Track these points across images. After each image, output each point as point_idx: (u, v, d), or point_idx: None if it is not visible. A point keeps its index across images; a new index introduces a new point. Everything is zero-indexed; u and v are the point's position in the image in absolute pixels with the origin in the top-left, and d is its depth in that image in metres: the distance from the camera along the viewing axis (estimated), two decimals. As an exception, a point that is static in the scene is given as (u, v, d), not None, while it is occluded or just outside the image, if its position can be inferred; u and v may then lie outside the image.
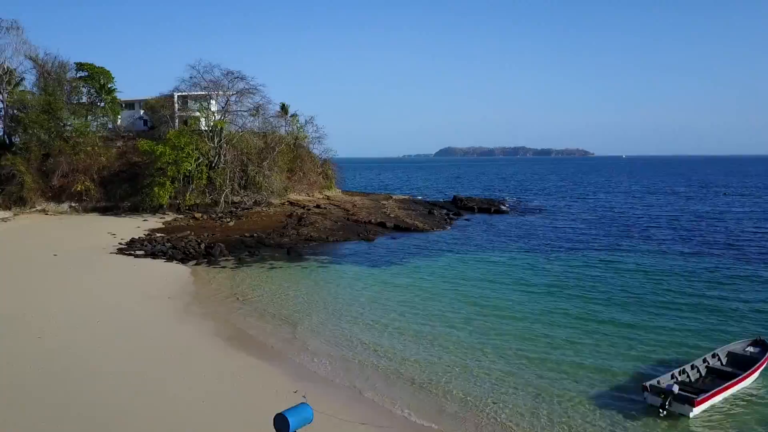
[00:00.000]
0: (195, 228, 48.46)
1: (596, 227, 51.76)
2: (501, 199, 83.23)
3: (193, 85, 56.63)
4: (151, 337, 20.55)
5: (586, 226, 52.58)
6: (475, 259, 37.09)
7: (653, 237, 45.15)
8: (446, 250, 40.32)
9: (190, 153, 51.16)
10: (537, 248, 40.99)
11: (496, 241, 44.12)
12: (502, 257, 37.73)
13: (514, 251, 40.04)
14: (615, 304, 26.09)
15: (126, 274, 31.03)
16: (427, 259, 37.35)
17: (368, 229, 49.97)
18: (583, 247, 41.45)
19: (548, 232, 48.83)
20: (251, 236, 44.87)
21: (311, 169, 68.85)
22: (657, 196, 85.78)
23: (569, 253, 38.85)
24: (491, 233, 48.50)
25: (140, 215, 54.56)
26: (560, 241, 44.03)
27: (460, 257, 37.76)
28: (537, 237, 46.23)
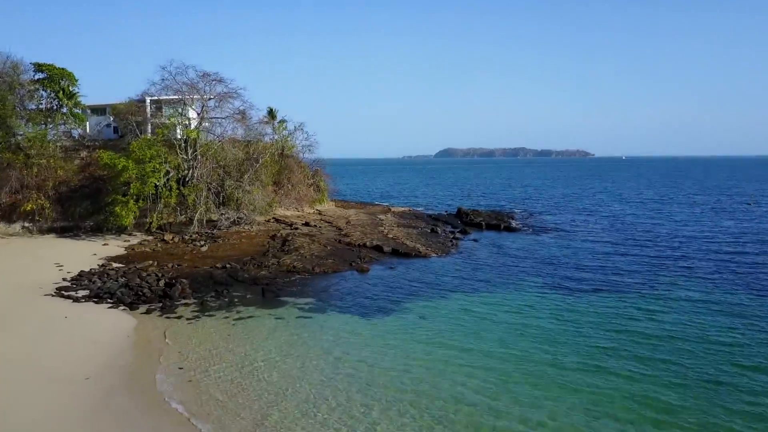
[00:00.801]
0: (161, 255, 41.85)
1: (622, 252, 45.12)
2: (509, 211, 76.67)
3: (164, 89, 49.98)
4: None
5: (609, 250, 45.92)
6: (487, 303, 30.49)
7: (696, 269, 38.45)
8: (452, 289, 33.69)
9: (158, 167, 44.49)
10: (559, 286, 34.38)
11: (510, 274, 37.50)
12: (518, 300, 31.16)
13: (533, 290, 33.50)
14: (678, 384, 19.56)
15: (46, 334, 24.38)
16: (428, 302, 30.73)
17: (362, 254, 43.39)
18: (613, 283, 34.83)
19: (568, 260, 42.21)
20: (223, 267, 38.26)
21: (301, 180, 62.28)
22: (678, 207, 79.12)
23: (600, 295, 32.24)
24: (502, 261, 41.86)
25: (103, 236, 47.99)
26: (584, 273, 37.45)
27: (468, 300, 31.13)
28: (556, 267, 39.63)
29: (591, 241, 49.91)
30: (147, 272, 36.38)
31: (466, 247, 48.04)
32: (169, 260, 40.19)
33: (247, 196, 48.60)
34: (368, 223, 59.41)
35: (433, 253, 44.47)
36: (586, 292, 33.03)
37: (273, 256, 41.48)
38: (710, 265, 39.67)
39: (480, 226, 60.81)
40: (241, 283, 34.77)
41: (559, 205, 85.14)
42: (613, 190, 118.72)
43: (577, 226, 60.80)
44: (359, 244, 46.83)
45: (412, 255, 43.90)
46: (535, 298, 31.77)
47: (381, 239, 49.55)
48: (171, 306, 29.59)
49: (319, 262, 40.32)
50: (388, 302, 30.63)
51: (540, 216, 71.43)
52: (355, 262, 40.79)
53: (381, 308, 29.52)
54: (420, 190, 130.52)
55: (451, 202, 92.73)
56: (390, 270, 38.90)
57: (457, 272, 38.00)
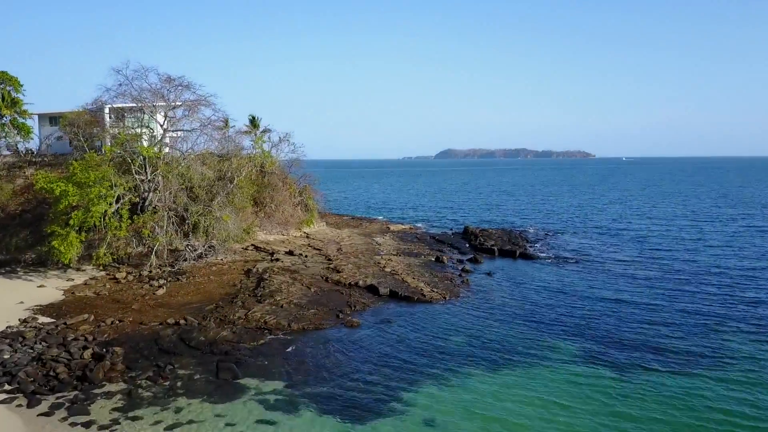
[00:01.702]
0: (104, 303, 33.88)
1: (669, 294, 37.18)
2: (520, 229, 68.72)
3: (120, 96, 42.02)
4: None
5: (652, 292, 37.95)
6: (513, 393, 22.59)
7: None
8: (465, 362, 25.79)
9: (105, 192, 36.51)
10: (602, 357, 26.46)
11: (537, 336, 29.52)
12: (553, 384, 23.32)
13: (567, 360, 25.83)
14: None
15: None
16: (436, 390, 22.81)
17: (353, 299, 35.46)
18: (671, 352, 26.93)
19: (604, 308, 34.31)
20: (176, 324, 30.29)
21: (286, 199, 54.26)
22: (709, 224, 71.08)
23: (660, 375, 24.32)
24: (525, 312, 33.85)
25: (45, 272, 40.13)
26: (631, 334, 29.54)
27: (488, 386, 23.19)
28: (591, 321, 31.74)
29: (626, 278, 41.88)
30: (76, 334, 28.45)
31: (478, 286, 40.08)
32: (110, 311, 32.22)
33: (217, 224, 40.59)
34: (363, 250, 51.50)
35: (439, 297, 36.52)
36: (638, 362, 25.20)
37: (242, 304, 33.51)
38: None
39: (492, 252, 52.83)
40: (193, 351, 26.82)
41: (574, 222, 77.06)
42: (626, 201, 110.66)
43: (602, 252, 52.78)
44: (350, 284, 38.89)
45: (414, 299, 35.94)
46: (573, 371, 24.01)
47: (377, 274, 41.63)
48: (86, 399, 21.60)
49: (297, 313, 32.35)
50: (382, 391, 22.64)
51: (556, 237, 63.41)
52: (343, 312, 32.86)
53: (373, 404, 21.52)
54: (420, 200, 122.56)
55: (455, 217, 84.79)
56: (386, 326, 30.90)
57: (470, 332, 30.01)
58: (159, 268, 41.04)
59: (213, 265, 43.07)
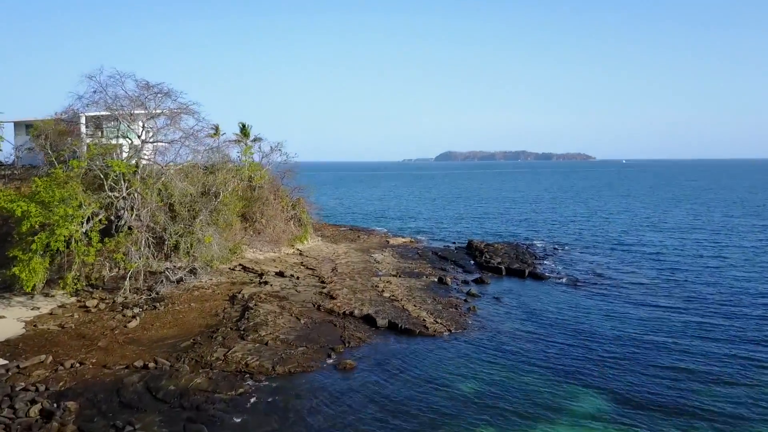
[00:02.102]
0: (67, 340, 30.19)
1: (701, 329, 33.48)
2: (527, 243, 65.06)
3: (93, 104, 38.38)
4: None
5: (682, 327, 34.21)
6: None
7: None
8: (478, 414, 22.11)
9: (72, 212, 32.81)
10: (630, 412, 22.85)
11: (554, 383, 25.85)
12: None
13: (590, 416, 22.19)
14: None
15: None
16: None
17: (347, 332, 31.81)
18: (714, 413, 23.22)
19: (629, 349, 30.63)
20: (144, 367, 26.58)
21: (277, 214, 50.59)
22: (728, 237, 67.24)
23: None
24: (539, 350, 30.15)
25: (9, 299, 36.51)
26: (663, 386, 25.85)
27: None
28: (615, 365, 28.06)
29: (649, 307, 38.09)
30: (27, 382, 24.78)
31: (486, 314, 36.37)
32: (73, 350, 28.53)
33: (199, 245, 36.90)
34: (360, 269, 47.84)
35: (443, 329, 32.81)
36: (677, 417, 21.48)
37: (222, 341, 29.82)
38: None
39: (499, 271, 49.16)
40: (160, 404, 23.14)
41: (582, 234, 73.29)
42: (634, 210, 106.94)
43: (617, 272, 49.06)
44: (345, 313, 35.22)
45: (415, 333, 32.24)
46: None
47: (375, 301, 37.96)
48: (21, 478, 17.95)
49: (284, 352, 28.64)
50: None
51: (565, 252, 59.71)
52: (335, 351, 29.17)
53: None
54: (419, 207, 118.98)
55: (457, 227, 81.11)
56: (385, 369, 27.20)
57: (479, 377, 26.32)
58: (136, 294, 37.39)
59: (196, 289, 39.40)
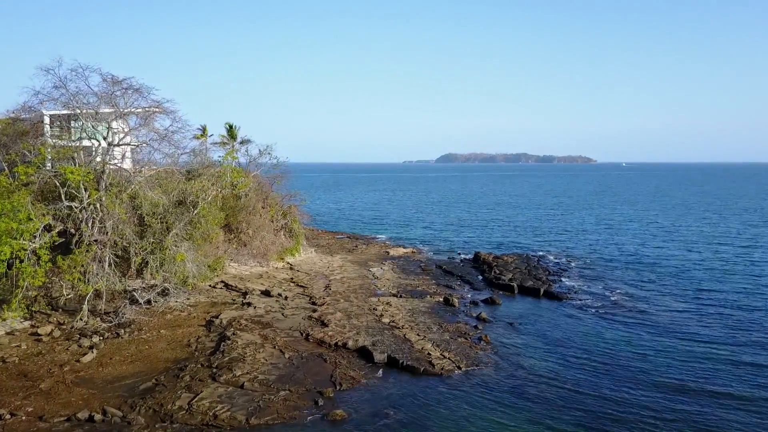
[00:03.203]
0: (6, 378, 25.48)
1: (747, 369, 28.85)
2: (538, 254, 60.42)
3: (51, 101, 33.72)
4: None
5: (726, 364, 29.57)
6: None
7: None
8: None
9: (17, 226, 28.10)
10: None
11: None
12: None
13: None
14: None
15: None
16: None
17: (339, 370, 27.13)
18: None
19: (666, 395, 26.04)
20: (89, 419, 21.86)
21: (265, 224, 45.87)
22: (757, 251, 62.63)
23: None
24: (564, 394, 25.45)
25: (-47, 323, 31.76)
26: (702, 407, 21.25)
27: None
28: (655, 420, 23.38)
29: (682, 338, 33.31)
30: (-60, 441, 20.08)
31: (500, 345, 31.62)
32: (9, 395, 23.80)
33: (171, 265, 32.18)
34: (357, 287, 43.15)
35: (452, 366, 28.05)
36: None
37: (189, 381, 25.11)
38: None
39: (510, 289, 44.48)
40: (101, 475, 18.43)
41: (595, 245, 68.39)
42: (644, 218, 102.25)
43: (643, 291, 44.39)
44: (337, 344, 30.50)
45: (419, 371, 27.51)
46: None
47: (372, 328, 33.24)
48: None
49: (262, 398, 23.92)
50: None
51: (581, 266, 55.01)
52: (323, 395, 24.45)
53: None
54: (421, 213, 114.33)
55: (461, 236, 76.42)
56: (381, 424, 22.45)
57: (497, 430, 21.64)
58: (100, 317, 32.68)
59: (168, 312, 34.65)
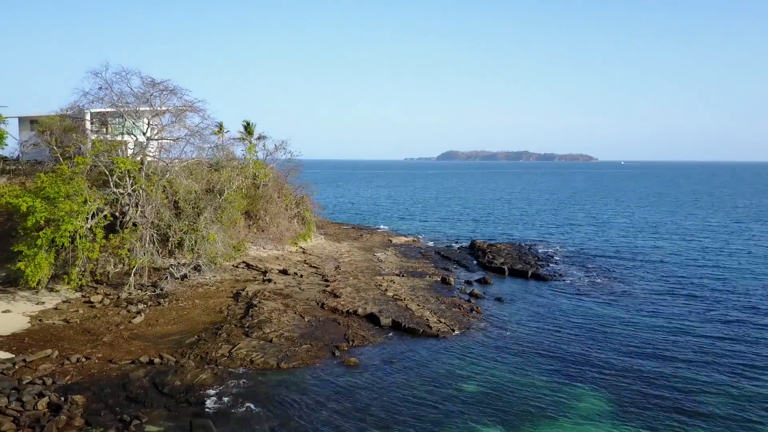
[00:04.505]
0: (72, 335, 30.35)
1: (705, 334, 33.65)
2: (528, 243, 65.21)
3: (98, 101, 38.56)
4: None
5: (688, 330, 34.44)
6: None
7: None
8: (481, 412, 22.28)
9: (77, 208, 32.98)
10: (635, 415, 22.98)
11: (558, 384, 26.03)
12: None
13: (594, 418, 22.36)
14: None
15: None
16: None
17: (351, 330, 31.98)
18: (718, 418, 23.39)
19: (633, 351, 30.84)
20: (150, 363, 26.74)
21: (280, 212, 50.74)
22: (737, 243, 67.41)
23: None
24: (543, 351, 30.31)
25: (14, 293, 36.61)
26: (666, 388, 26.17)
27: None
28: (619, 367, 28.25)
29: (653, 312, 38.18)
30: (34, 375, 24.95)
31: (489, 315, 36.49)
32: (78, 345, 28.70)
33: (203, 242, 37.06)
34: (364, 268, 47.99)
35: (446, 329, 32.92)
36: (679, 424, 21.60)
37: (226, 337, 29.98)
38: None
39: (502, 272, 49.32)
40: (166, 399, 23.28)
41: (585, 238, 73.28)
42: (635, 214, 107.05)
43: (623, 275, 49.24)
44: (349, 311, 35.36)
45: (419, 332, 32.35)
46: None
47: (378, 300, 38.11)
48: (29, 471, 18.09)
49: (289, 349, 28.80)
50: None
51: (568, 254, 59.85)
52: (339, 349, 29.32)
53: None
54: (422, 207, 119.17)
55: (460, 228, 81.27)
56: (388, 368, 27.33)
57: (482, 377, 26.43)
58: (140, 290, 37.56)
59: (199, 286, 39.57)
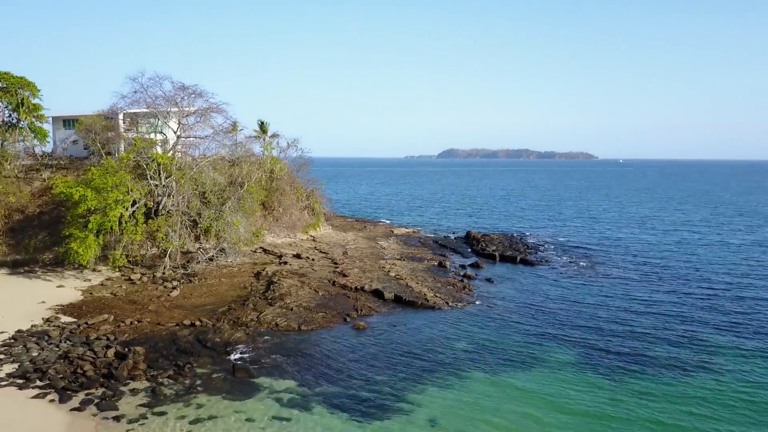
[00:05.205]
0: (121, 304, 35.52)
1: (659, 304, 38.83)
2: (519, 235, 70.33)
3: (135, 103, 43.67)
4: None
5: (644, 300, 39.66)
6: (510, 395, 24.30)
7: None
8: (467, 367, 27.38)
9: (122, 197, 38.13)
10: (593, 362, 28.27)
11: (536, 342, 31.20)
12: (544, 383, 25.12)
13: (561, 366, 27.49)
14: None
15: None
16: (440, 391, 24.46)
17: (359, 302, 37.08)
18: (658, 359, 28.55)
19: (600, 317, 36.08)
20: (191, 325, 31.89)
21: (293, 204, 55.88)
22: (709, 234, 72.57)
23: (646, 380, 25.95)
24: (525, 318, 35.51)
25: (62, 273, 41.71)
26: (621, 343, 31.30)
27: (488, 389, 24.85)
28: (586, 329, 33.49)
29: (622, 296, 43.34)
30: (98, 333, 30.10)
31: (480, 292, 41.59)
32: (129, 312, 33.85)
33: (228, 228, 42.21)
34: (368, 254, 53.11)
35: (442, 302, 38.05)
36: (624, 373, 26.71)
37: (253, 307, 35.12)
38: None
39: (493, 258, 54.45)
40: (209, 351, 28.41)
41: (573, 231, 78.59)
42: (624, 209, 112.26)
43: (602, 263, 54.40)
44: (356, 288, 40.49)
45: (418, 305, 37.48)
46: (567, 384, 25.39)
47: (382, 279, 43.24)
48: (113, 395, 23.18)
49: (307, 316, 33.97)
50: (389, 391, 24.25)
51: (556, 243, 65.07)
52: (350, 316, 34.48)
53: (380, 403, 23.13)
54: (421, 202, 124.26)
55: (456, 220, 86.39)
56: (392, 330, 32.48)
57: (471, 337, 31.59)
58: (172, 270, 42.68)
59: (224, 268, 44.71)
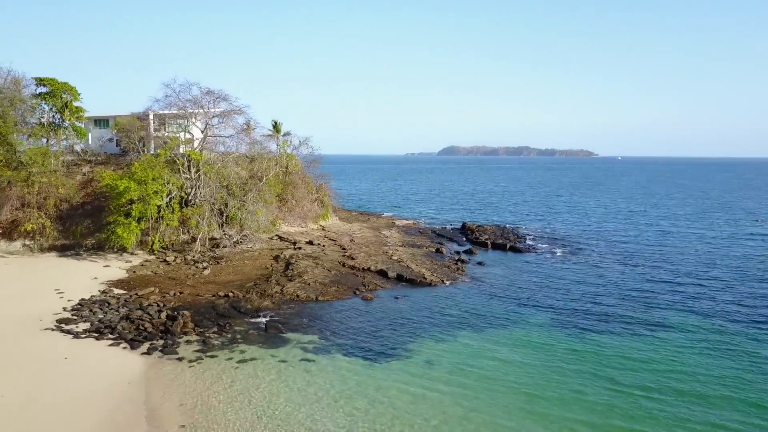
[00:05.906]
0: (162, 280, 41.32)
1: (623, 277, 44.55)
2: (512, 226, 76.06)
3: (167, 106, 49.40)
4: None
5: (613, 277, 45.36)
6: (495, 345, 30.02)
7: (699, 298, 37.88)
8: (458, 326, 33.16)
9: (160, 188, 43.91)
10: (563, 323, 33.96)
11: (517, 308, 36.98)
12: (526, 342, 30.78)
13: (536, 326, 33.17)
14: None
15: (45, 381, 23.81)
16: (434, 342, 30.21)
17: (366, 281, 42.81)
18: (617, 320, 34.31)
19: (573, 290, 41.77)
20: (225, 296, 37.71)
21: (304, 196, 61.65)
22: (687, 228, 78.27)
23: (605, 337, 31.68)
24: (509, 291, 41.29)
25: (104, 255, 47.52)
26: (586, 308, 36.97)
27: (476, 341, 30.60)
28: (561, 299, 39.25)
29: (600, 280, 49.17)
30: (148, 301, 35.89)
31: (472, 273, 47.35)
32: (170, 286, 39.65)
33: (250, 216, 47.98)
34: (373, 241, 58.85)
35: (438, 280, 43.80)
36: (587, 331, 32.43)
37: (276, 282, 40.90)
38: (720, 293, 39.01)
39: (485, 245, 60.17)
40: (243, 315, 34.20)
41: (561, 223, 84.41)
42: (613, 204, 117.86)
43: (586, 251, 60.18)
44: (364, 268, 46.24)
45: (417, 282, 43.23)
46: (540, 340, 31.10)
47: (386, 262, 48.97)
48: (172, 344, 28.98)
49: (322, 290, 39.75)
50: (394, 343, 30.05)
51: (544, 234, 70.84)
52: (359, 289, 40.24)
53: (386, 351, 28.92)
54: (420, 197, 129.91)
55: (454, 214, 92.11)
56: (395, 300, 38.28)
57: (462, 306, 37.35)
58: (201, 254, 48.46)
59: (246, 252, 50.48)
